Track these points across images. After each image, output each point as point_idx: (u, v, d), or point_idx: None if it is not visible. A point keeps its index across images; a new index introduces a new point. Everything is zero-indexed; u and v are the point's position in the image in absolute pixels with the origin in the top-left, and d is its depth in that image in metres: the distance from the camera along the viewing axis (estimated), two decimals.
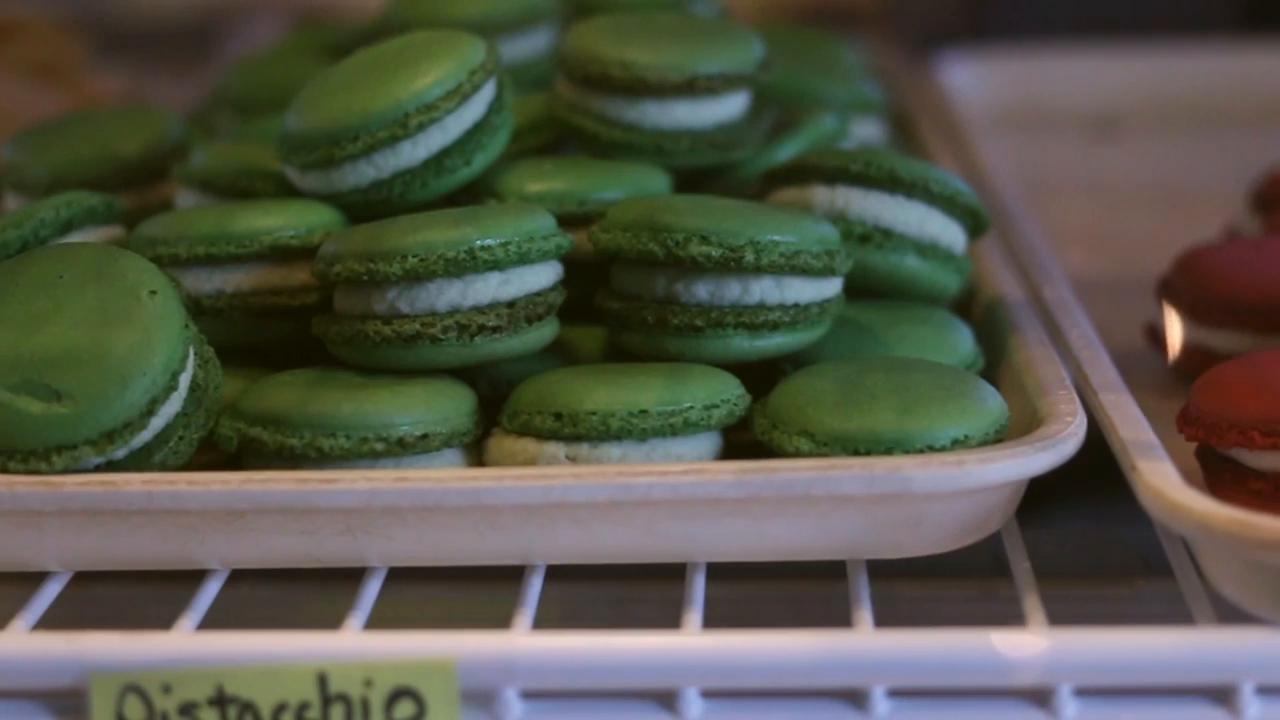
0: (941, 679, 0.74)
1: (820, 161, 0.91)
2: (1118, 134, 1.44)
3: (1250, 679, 0.74)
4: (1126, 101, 1.47)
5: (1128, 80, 1.48)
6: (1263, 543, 0.73)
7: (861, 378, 0.83)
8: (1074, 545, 0.96)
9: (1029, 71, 1.49)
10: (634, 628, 0.76)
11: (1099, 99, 1.47)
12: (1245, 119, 1.45)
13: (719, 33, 0.96)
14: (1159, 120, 1.45)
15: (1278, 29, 1.65)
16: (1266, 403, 0.82)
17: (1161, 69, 1.48)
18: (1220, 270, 0.98)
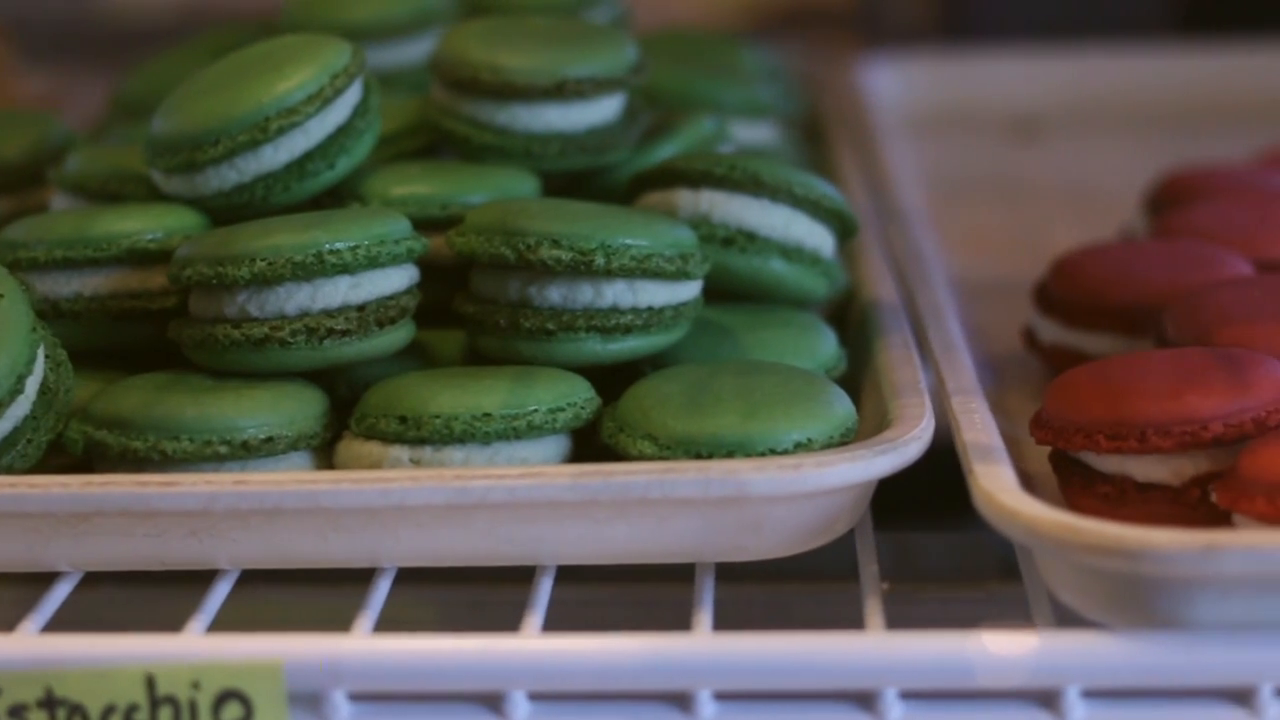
0: (766, 682, 0.74)
1: (685, 165, 0.91)
2: (1039, 136, 1.44)
3: (1074, 683, 0.74)
4: (1049, 104, 1.46)
5: (1050, 83, 1.47)
6: (1088, 547, 0.73)
7: (710, 381, 0.83)
8: (936, 549, 0.96)
9: (952, 74, 1.48)
10: (489, 630, 0.76)
11: (1021, 101, 1.46)
12: (1169, 121, 1.45)
13: (591, 37, 0.96)
14: (1081, 122, 1.45)
15: (1216, 32, 1.65)
16: (1113, 407, 0.82)
17: (1084, 71, 1.48)
18: (1091, 273, 0.98)
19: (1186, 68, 1.48)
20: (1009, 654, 0.73)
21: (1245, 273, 0.97)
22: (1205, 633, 0.73)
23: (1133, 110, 1.46)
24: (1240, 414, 0.81)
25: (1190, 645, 0.73)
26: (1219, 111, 1.44)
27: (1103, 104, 1.46)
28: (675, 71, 1.10)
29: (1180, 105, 1.46)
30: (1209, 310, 0.90)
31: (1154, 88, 1.47)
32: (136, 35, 2.03)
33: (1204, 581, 0.72)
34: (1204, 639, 0.73)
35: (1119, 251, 1.00)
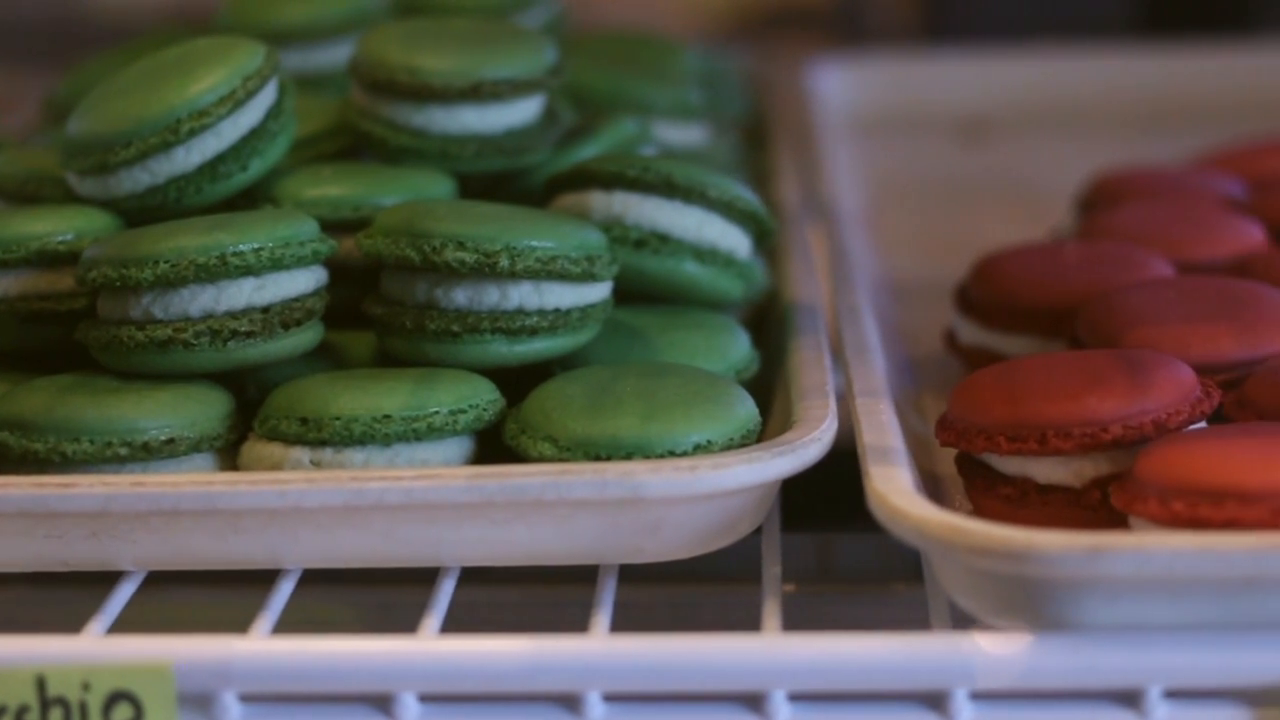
0: (653, 684, 0.74)
1: (598, 167, 0.91)
2: (988, 138, 1.44)
3: (962, 685, 0.74)
4: (998, 106, 1.46)
5: (999, 85, 1.47)
6: (974, 549, 0.73)
7: (613, 383, 0.83)
8: (851, 550, 0.96)
9: (902, 76, 1.48)
10: (396, 631, 0.77)
11: (971, 103, 1.46)
12: (1119, 122, 1.45)
13: (510, 39, 0.96)
14: (1030, 124, 1.45)
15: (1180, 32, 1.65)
16: (1014, 409, 0.82)
17: (1033, 73, 1.48)
18: (1008, 275, 0.98)
19: (1138, 69, 1.48)
20: (895, 656, 0.73)
21: (1164, 274, 0.97)
22: (1094, 635, 0.73)
23: (1082, 111, 1.46)
24: (1140, 416, 0.81)
25: (1078, 647, 0.73)
26: (1170, 113, 1.44)
27: (1052, 105, 1.46)
28: (604, 73, 1.10)
29: (1131, 106, 1.46)
30: (1120, 312, 0.90)
31: (1104, 89, 1.47)
32: (124, 35, 2.04)
33: (1091, 583, 0.72)
34: (1092, 641, 0.73)
35: (1038, 253, 1.00)
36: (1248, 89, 1.48)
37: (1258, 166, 1.16)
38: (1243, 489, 0.74)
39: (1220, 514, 0.74)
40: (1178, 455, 0.77)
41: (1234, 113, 1.43)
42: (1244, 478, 0.74)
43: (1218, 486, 0.74)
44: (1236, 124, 1.33)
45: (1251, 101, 1.47)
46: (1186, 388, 0.82)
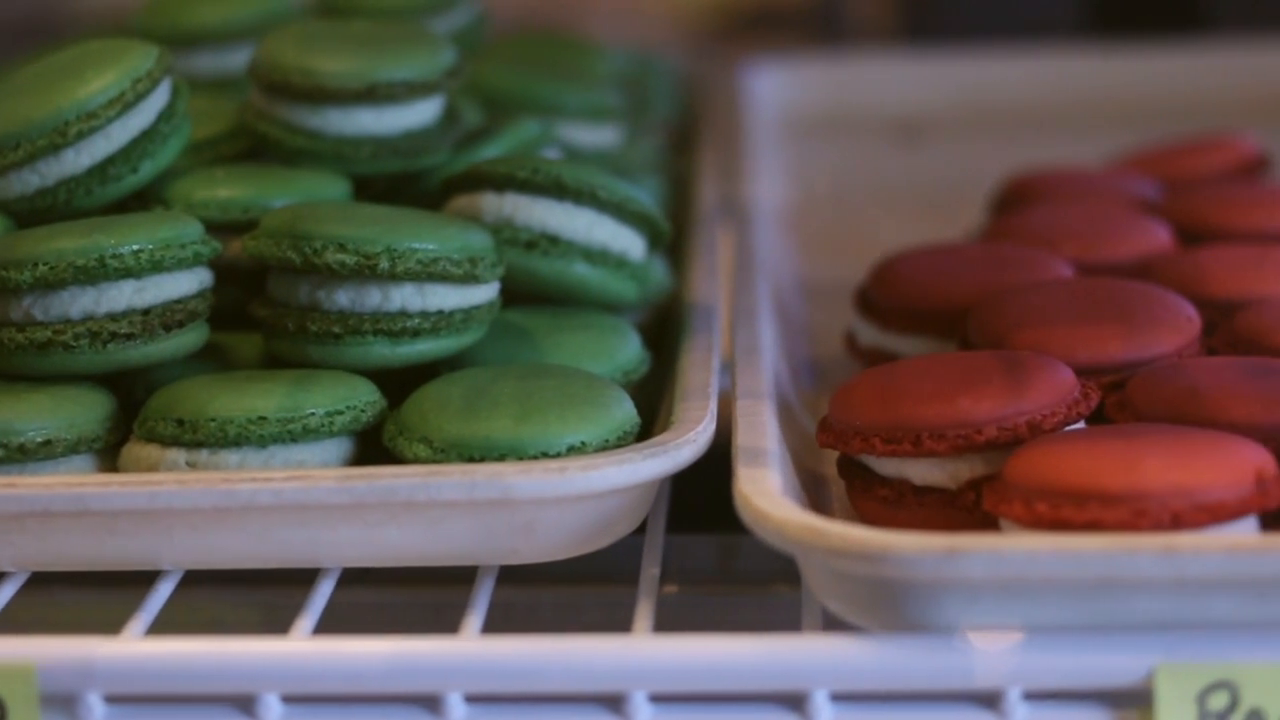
0: (513, 685, 0.74)
1: (490, 169, 0.92)
2: (923, 139, 1.44)
3: (821, 686, 0.73)
4: (933, 107, 1.46)
5: (935, 86, 1.47)
6: (833, 551, 0.73)
7: (491, 385, 0.83)
8: (739, 551, 0.96)
9: (838, 77, 1.48)
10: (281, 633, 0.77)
11: (906, 104, 1.46)
12: (1055, 123, 1.45)
13: (407, 41, 0.96)
14: (965, 125, 1.45)
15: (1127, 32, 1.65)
16: (890, 410, 0.82)
17: (968, 73, 1.48)
18: (905, 276, 0.98)
19: (1076, 70, 1.48)
20: (754, 657, 0.73)
21: (1062, 276, 0.97)
22: (953, 636, 0.73)
23: (1019, 113, 1.45)
24: (1015, 417, 0.81)
25: (937, 648, 0.73)
26: (1110, 113, 1.44)
27: (989, 107, 1.46)
28: (516, 75, 1.10)
29: (1069, 107, 1.46)
30: (1008, 314, 0.90)
31: (1041, 90, 1.47)
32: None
33: (949, 585, 0.72)
34: (951, 642, 0.73)
35: (937, 255, 1.00)
36: (1190, 89, 1.48)
37: (1174, 168, 1.16)
38: (1105, 491, 0.74)
39: (1082, 515, 0.74)
40: (1044, 457, 0.77)
41: (1175, 113, 1.43)
42: (1106, 480, 0.74)
43: (1080, 488, 0.75)
44: (1177, 124, 1.33)
45: (1193, 102, 1.47)
46: (1064, 389, 0.82)
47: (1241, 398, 0.81)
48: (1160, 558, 0.71)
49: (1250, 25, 1.66)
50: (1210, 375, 0.83)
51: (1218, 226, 1.04)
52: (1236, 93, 1.49)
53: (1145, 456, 0.75)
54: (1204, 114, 1.42)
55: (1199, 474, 0.74)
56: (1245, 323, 0.90)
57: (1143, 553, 0.71)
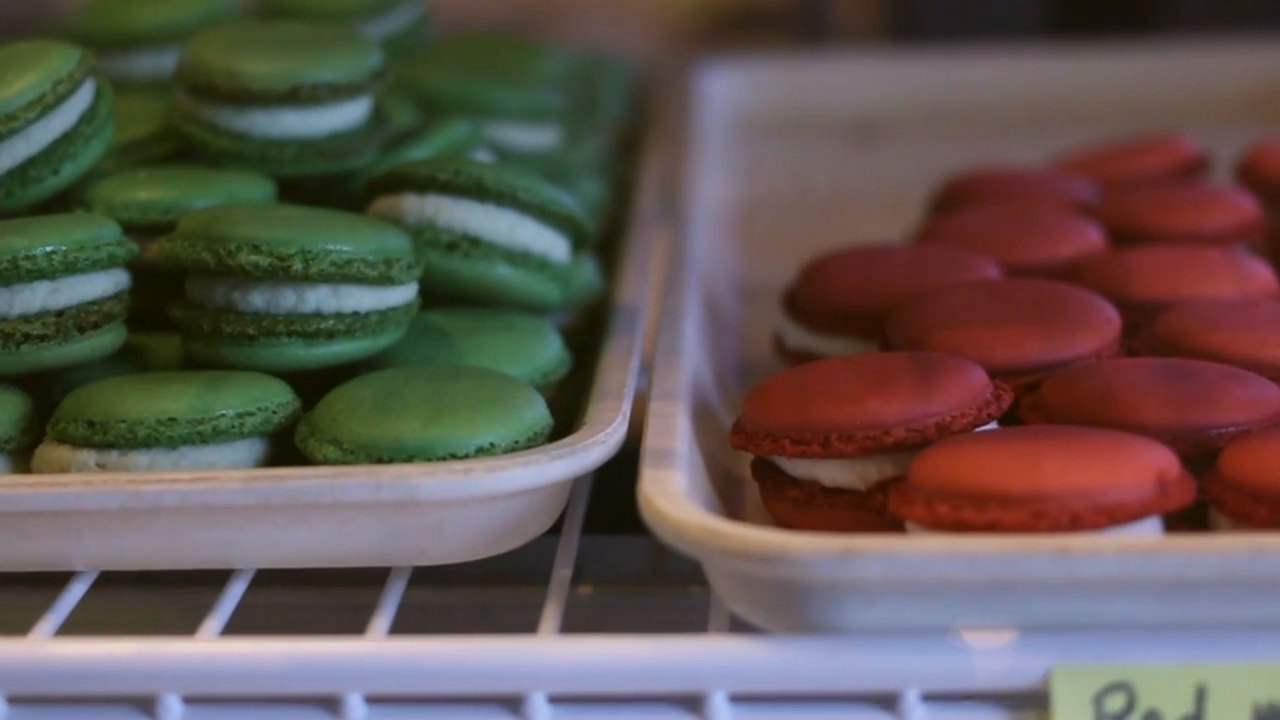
0: (412, 685, 0.74)
1: (411, 170, 0.92)
2: (878, 140, 1.44)
3: (719, 688, 0.74)
4: (889, 108, 1.46)
5: (890, 87, 1.47)
6: (729, 552, 0.73)
7: (403, 386, 0.84)
8: (658, 553, 0.96)
9: (793, 78, 1.48)
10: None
11: (862, 105, 1.46)
12: (1010, 124, 1.44)
13: (333, 43, 0.96)
14: (920, 126, 1.45)
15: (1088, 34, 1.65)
16: (799, 411, 0.82)
17: (923, 75, 1.48)
18: (831, 278, 0.98)
19: (1031, 70, 1.48)
20: (652, 658, 0.73)
21: (989, 277, 0.97)
22: (850, 637, 0.73)
23: (971, 113, 1.45)
24: (923, 419, 0.81)
25: (834, 650, 0.73)
26: (1062, 114, 1.44)
27: (941, 107, 1.46)
28: (453, 76, 1.10)
29: (1022, 108, 1.46)
30: (927, 315, 0.90)
31: (997, 90, 1.47)
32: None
33: (845, 586, 0.72)
34: (848, 644, 0.73)
35: (864, 256, 1.00)
36: (1147, 90, 1.48)
37: (1113, 169, 1.16)
38: (1004, 492, 0.74)
39: (982, 517, 0.74)
40: (947, 459, 0.77)
41: (1131, 114, 1.43)
42: (1006, 481, 0.74)
43: (981, 490, 0.75)
44: (1132, 125, 1.33)
45: (1149, 102, 1.47)
46: (975, 391, 0.82)
47: (1151, 399, 0.81)
48: (1054, 559, 0.71)
49: (1208, 26, 1.66)
50: (1123, 377, 0.83)
51: (1149, 228, 1.04)
52: (1194, 93, 1.49)
53: (1046, 458, 0.75)
54: (1160, 114, 1.42)
55: (1099, 476, 0.74)
56: (1166, 325, 0.90)
57: (1037, 554, 0.71)
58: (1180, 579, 0.71)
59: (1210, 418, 0.81)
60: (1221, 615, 0.72)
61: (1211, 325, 0.89)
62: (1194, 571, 0.71)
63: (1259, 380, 0.83)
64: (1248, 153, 1.15)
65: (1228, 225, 1.04)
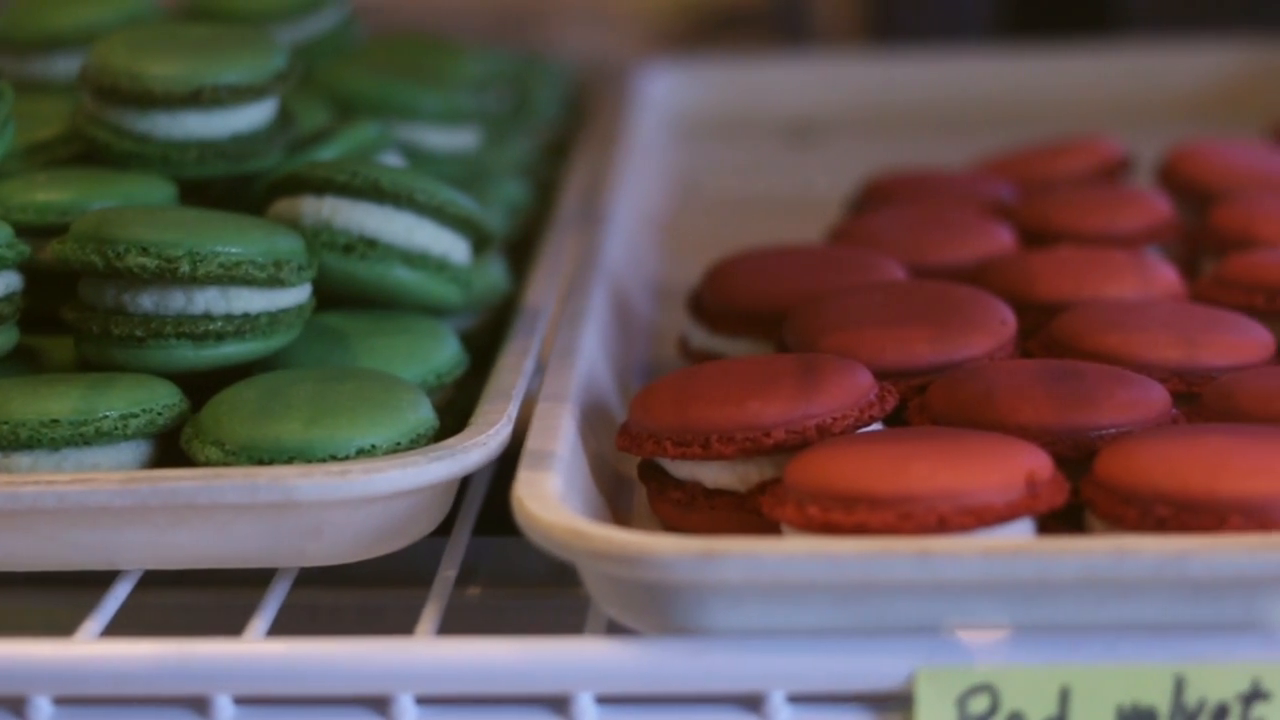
0: (279, 687, 0.74)
1: (309, 173, 0.92)
2: (815, 141, 1.44)
3: (585, 689, 0.74)
4: (826, 109, 1.46)
5: (828, 88, 1.47)
6: (594, 553, 0.73)
7: (289, 388, 0.84)
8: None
9: (732, 79, 1.48)
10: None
11: (800, 106, 1.46)
12: (945, 125, 1.45)
13: (238, 44, 0.96)
14: (861, 127, 1.45)
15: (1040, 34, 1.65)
16: (681, 413, 0.82)
17: (862, 76, 1.48)
18: (733, 279, 0.98)
19: (967, 71, 1.48)
20: (518, 660, 0.73)
21: (893, 278, 0.97)
22: (715, 639, 0.73)
23: (909, 114, 1.45)
24: (803, 420, 0.81)
25: (699, 651, 0.73)
26: (1001, 114, 1.44)
27: (880, 108, 1.46)
28: (371, 78, 1.10)
29: (960, 108, 1.46)
30: (822, 316, 0.90)
31: (932, 90, 1.47)
32: None
33: (710, 588, 0.72)
34: (713, 645, 0.73)
35: (769, 257, 1.00)
36: (1092, 89, 1.48)
37: (1035, 169, 1.16)
38: (872, 494, 0.74)
39: (850, 519, 0.74)
40: (820, 461, 0.77)
41: (1076, 114, 1.43)
42: (874, 483, 0.74)
43: (850, 492, 0.75)
44: (1076, 125, 1.33)
45: (1095, 102, 1.47)
46: (859, 392, 0.82)
47: (1032, 401, 0.81)
48: (915, 561, 0.71)
49: (1162, 27, 1.66)
50: (1007, 378, 0.83)
51: (1061, 229, 1.04)
52: (1145, 93, 1.49)
53: (915, 460, 0.75)
54: (1109, 115, 1.43)
55: (967, 477, 0.74)
56: (1061, 326, 0.90)
57: (898, 556, 0.71)
58: (1042, 581, 0.71)
59: (1089, 419, 0.81)
60: (1085, 617, 0.72)
61: (1106, 327, 0.89)
62: (1056, 573, 0.71)
63: (1145, 382, 0.83)
64: (1168, 155, 1.15)
65: (1139, 226, 1.04)
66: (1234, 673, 0.72)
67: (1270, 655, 0.72)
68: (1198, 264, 1.05)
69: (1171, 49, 1.53)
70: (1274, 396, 0.82)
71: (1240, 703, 0.72)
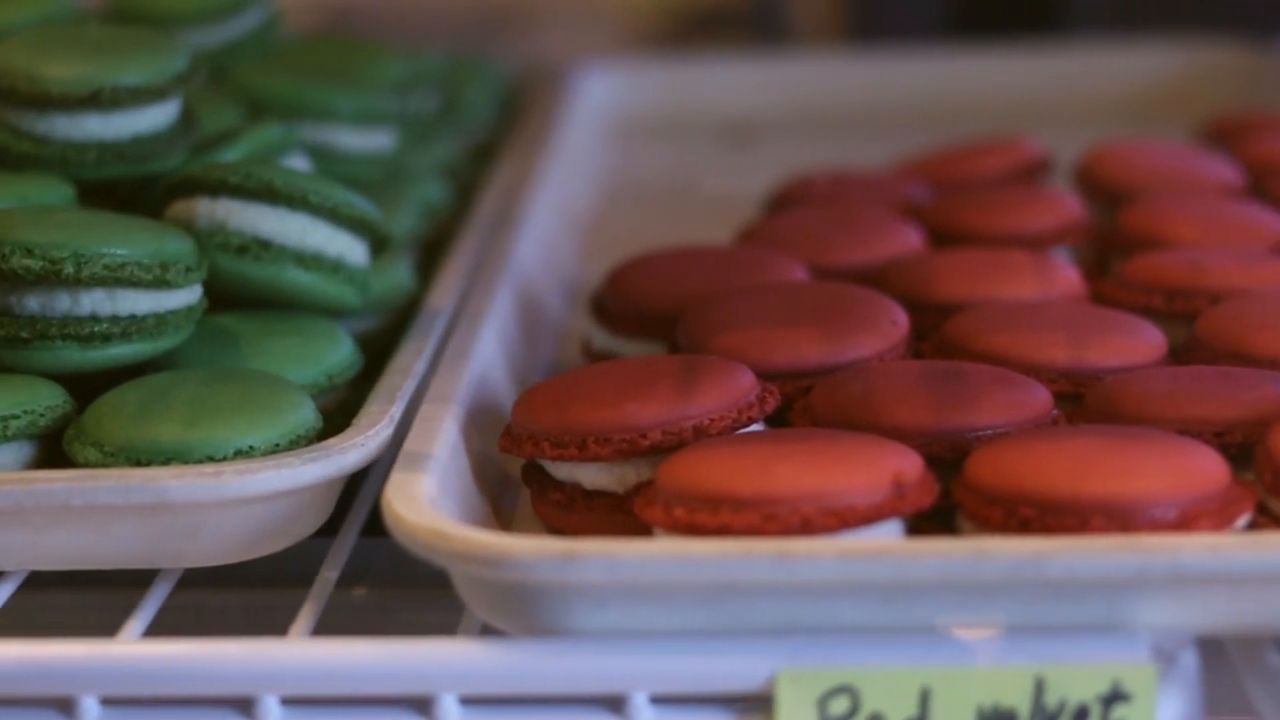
0: (143, 688, 0.74)
1: (204, 174, 0.92)
2: (752, 142, 1.44)
3: (448, 690, 0.74)
4: (762, 110, 1.46)
5: (764, 89, 1.47)
6: (456, 555, 0.73)
7: (172, 389, 0.84)
8: None
9: (672, 80, 1.49)
10: None
11: (736, 107, 1.47)
12: (885, 124, 1.45)
13: (139, 46, 0.97)
14: (798, 128, 1.45)
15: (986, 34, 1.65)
16: (559, 415, 0.82)
17: (801, 76, 1.48)
18: (633, 280, 0.98)
19: (905, 72, 1.48)
20: (381, 661, 0.74)
21: (793, 279, 0.97)
22: (578, 640, 0.73)
23: (848, 114, 1.45)
24: (680, 422, 0.81)
25: (561, 653, 0.73)
26: (935, 114, 1.44)
27: (819, 109, 1.46)
28: (284, 79, 1.10)
29: (899, 108, 1.46)
30: (714, 317, 0.90)
31: (871, 91, 1.47)
32: None
33: (572, 589, 0.72)
34: (575, 646, 0.73)
35: (671, 258, 1.00)
36: (1025, 90, 1.49)
37: (954, 170, 1.16)
38: (736, 495, 0.74)
39: (714, 520, 0.74)
40: (689, 462, 0.77)
41: (1011, 114, 1.43)
42: (739, 484, 0.74)
43: (715, 493, 0.75)
44: (1010, 125, 1.33)
45: (1029, 103, 1.47)
46: (738, 393, 0.82)
47: (910, 402, 0.81)
48: (774, 562, 0.71)
49: (1103, 27, 1.66)
50: (888, 380, 0.83)
51: (969, 230, 1.04)
52: (1085, 94, 1.49)
53: (782, 461, 0.75)
54: (1044, 115, 1.43)
55: (832, 479, 0.74)
56: (953, 327, 0.90)
57: (757, 557, 0.71)
58: (901, 582, 0.71)
59: (965, 420, 0.81)
60: (945, 618, 0.72)
61: (995, 328, 0.89)
62: (914, 575, 0.71)
63: (1026, 383, 0.83)
64: (1084, 156, 1.15)
65: (1047, 227, 1.04)
66: (1094, 674, 0.71)
67: (1130, 656, 0.71)
68: (1108, 265, 1.05)
69: (1115, 49, 1.53)
70: (1152, 398, 0.82)
71: (1100, 704, 0.71)
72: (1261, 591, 0.72)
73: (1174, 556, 0.70)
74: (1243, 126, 1.20)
